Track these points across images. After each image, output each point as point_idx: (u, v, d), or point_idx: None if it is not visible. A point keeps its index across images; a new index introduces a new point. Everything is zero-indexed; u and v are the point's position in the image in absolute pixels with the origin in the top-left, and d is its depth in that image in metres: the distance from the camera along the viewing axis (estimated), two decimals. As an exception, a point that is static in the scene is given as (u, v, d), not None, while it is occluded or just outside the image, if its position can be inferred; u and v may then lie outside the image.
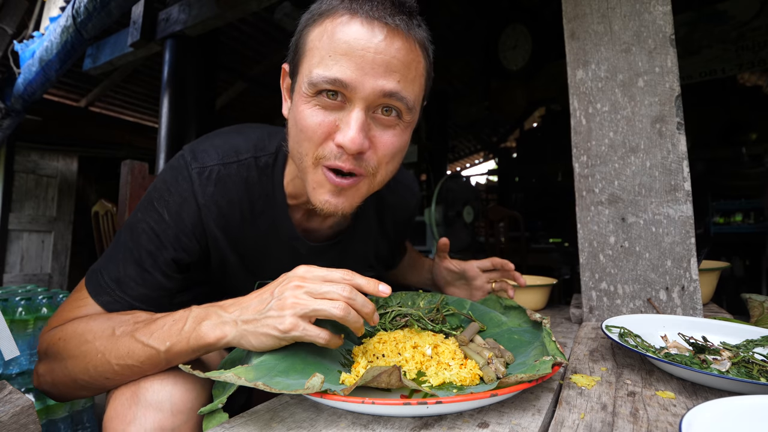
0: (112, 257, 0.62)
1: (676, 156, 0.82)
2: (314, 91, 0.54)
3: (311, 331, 0.46)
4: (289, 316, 0.45)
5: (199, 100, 2.89)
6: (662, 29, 0.85)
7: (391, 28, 0.53)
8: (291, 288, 0.47)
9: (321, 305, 0.46)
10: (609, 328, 0.64)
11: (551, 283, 1.06)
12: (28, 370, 1.37)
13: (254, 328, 0.47)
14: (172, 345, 0.50)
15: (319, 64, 0.53)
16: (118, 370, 0.53)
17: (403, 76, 0.54)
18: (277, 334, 0.46)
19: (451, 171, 9.12)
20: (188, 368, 0.44)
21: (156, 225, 0.61)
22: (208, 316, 0.50)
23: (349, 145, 0.53)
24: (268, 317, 0.47)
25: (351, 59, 0.51)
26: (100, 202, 2.50)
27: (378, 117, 0.56)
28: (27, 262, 4.62)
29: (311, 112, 0.55)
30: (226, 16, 2.58)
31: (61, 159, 4.91)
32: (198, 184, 0.63)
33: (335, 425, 0.41)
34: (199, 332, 0.49)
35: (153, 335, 0.51)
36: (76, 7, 2.19)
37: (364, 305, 0.48)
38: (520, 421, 0.41)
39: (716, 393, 0.49)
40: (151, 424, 0.50)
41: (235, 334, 0.48)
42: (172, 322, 0.52)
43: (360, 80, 0.52)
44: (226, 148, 0.66)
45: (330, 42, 0.52)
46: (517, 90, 5.29)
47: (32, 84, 2.81)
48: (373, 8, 0.52)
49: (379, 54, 0.52)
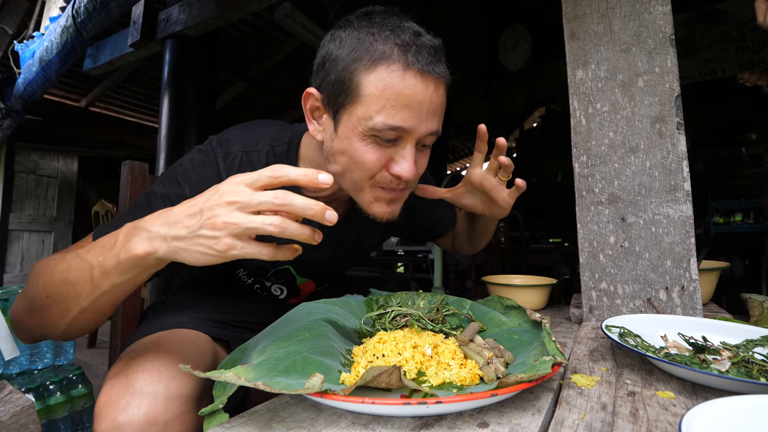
0: (125, 215, 0.65)
1: (676, 156, 0.82)
2: (374, 133, 0.61)
3: (251, 249, 0.44)
4: (223, 237, 0.43)
5: (199, 100, 2.89)
6: (662, 29, 0.85)
7: (436, 80, 0.62)
8: (222, 205, 0.44)
9: (254, 223, 0.43)
10: (609, 328, 0.64)
11: (551, 283, 1.06)
12: (28, 370, 1.38)
13: (187, 245, 0.45)
14: (104, 260, 0.49)
15: (380, 112, 0.60)
16: (57, 288, 0.52)
17: (440, 116, 0.65)
18: (213, 254, 0.44)
19: (451, 171, 9.12)
20: (188, 368, 0.44)
21: (176, 198, 0.65)
22: (137, 232, 0.48)
23: (407, 176, 0.63)
24: (200, 236, 0.44)
25: (411, 110, 0.60)
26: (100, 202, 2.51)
27: (419, 147, 0.67)
28: (27, 262, 4.62)
29: (368, 149, 0.63)
30: (226, 16, 2.58)
31: (61, 159, 4.91)
32: (223, 166, 0.71)
33: (335, 425, 0.41)
34: (128, 246, 0.47)
35: (90, 251, 0.51)
36: (76, 7, 2.19)
37: (305, 207, 0.44)
38: (520, 421, 0.41)
39: (716, 393, 0.49)
40: (143, 412, 0.50)
41: (167, 249, 0.46)
42: (107, 238, 0.51)
43: (417, 126, 0.61)
44: (247, 138, 0.75)
45: (392, 93, 0.59)
46: (517, 90, 5.29)
47: (32, 84, 2.81)
48: (423, 62, 0.60)
49: (432, 104, 0.62)
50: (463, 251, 1.10)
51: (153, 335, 0.67)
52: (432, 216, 1.03)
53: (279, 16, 3.06)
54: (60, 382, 1.37)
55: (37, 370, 1.40)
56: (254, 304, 0.88)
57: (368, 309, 0.74)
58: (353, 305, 0.73)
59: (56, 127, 4.60)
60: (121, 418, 0.50)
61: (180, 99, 2.81)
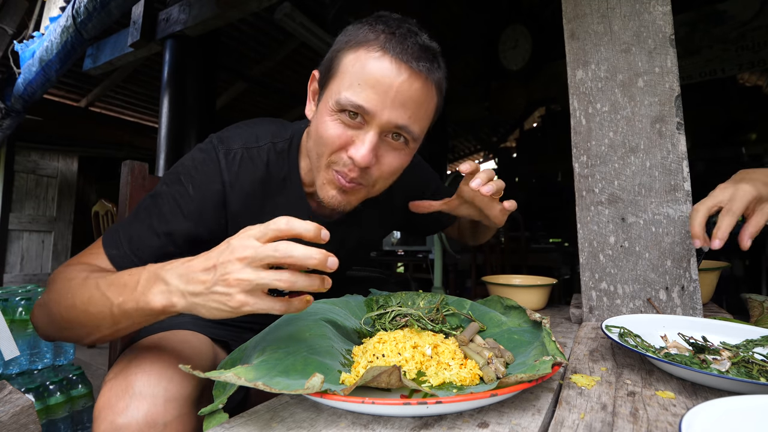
0: (132, 218, 0.67)
1: (676, 156, 0.82)
2: (339, 109, 0.61)
3: (263, 304, 0.45)
4: (236, 294, 0.44)
5: (199, 100, 2.89)
6: (662, 29, 0.85)
7: (414, 72, 0.60)
8: (234, 261, 0.45)
9: (263, 279, 0.44)
10: (609, 328, 0.64)
11: (551, 283, 1.06)
12: (28, 370, 1.37)
13: (203, 301, 0.46)
14: (124, 301, 0.50)
15: (348, 88, 0.60)
16: (79, 315, 0.53)
17: (414, 113, 0.62)
18: (227, 309, 0.45)
19: (451, 171, 9.13)
20: (188, 368, 0.44)
21: (180, 198, 0.67)
22: (157, 283, 0.49)
23: (359, 160, 0.61)
24: (215, 293, 0.45)
25: (376, 91, 0.59)
26: (100, 202, 2.51)
27: (388, 140, 0.64)
28: (27, 262, 4.62)
29: (333, 125, 0.63)
30: (226, 16, 2.58)
31: (61, 159, 4.91)
32: (224, 163, 0.70)
33: (335, 425, 0.41)
34: (147, 297, 0.49)
35: (111, 286, 0.52)
36: (76, 7, 2.19)
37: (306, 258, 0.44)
38: (520, 421, 0.41)
39: (716, 393, 0.49)
40: (143, 414, 0.50)
41: (185, 305, 0.48)
42: (128, 277, 0.52)
43: (379, 110, 0.60)
44: (248, 135, 0.74)
45: (361, 71, 0.60)
46: (517, 90, 5.29)
47: (32, 84, 2.81)
48: (402, 51, 0.59)
49: (400, 93, 0.60)
50: (468, 243, 1.10)
51: (152, 336, 0.67)
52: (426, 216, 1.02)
53: (279, 16, 3.06)
54: (60, 382, 1.37)
55: (37, 370, 1.40)
56: None
57: (368, 309, 0.74)
58: (353, 305, 0.73)
59: (56, 127, 4.60)
60: (120, 420, 0.50)
61: (180, 99, 2.81)
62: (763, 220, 0.58)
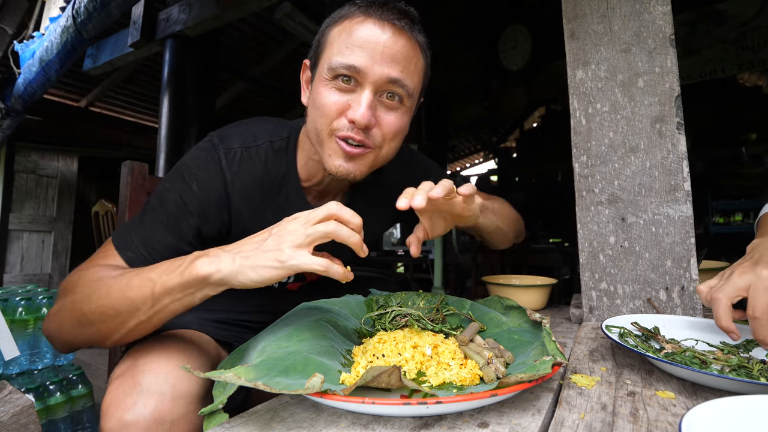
0: (140, 220, 0.68)
1: (676, 156, 0.82)
2: (332, 75, 0.64)
3: (309, 259, 0.49)
4: (287, 248, 0.49)
5: (199, 100, 2.89)
6: (662, 29, 0.85)
7: (397, 28, 0.64)
8: (286, 223, 0.52)
9: (314, 229, 0.50)
10: (609, 328, 0.64)
11: (551, 283, 1.06)
12: (28, 370, 1.37)
13: (253, 261, 0.50)
14: (168, 278, 0.52)
15: (338, 54, 0.63)
16: (115, 303, 0.53)
17: (405, 68, 0.65)
18: (276, 265, 0.49)
19: (451, 171, 9.12)
20: (188, 368, 0.44)
21: (185, 195, 0.68)
22: (204, 256, 0.52)
23: (359, 119, 0.62)
24: (266, 250, 0.50)
25: (364, 50, 0.62)
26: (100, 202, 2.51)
27: (383, 100, 0.66)
28: (27, 262, 4.62)
29: (328, 92, 0.65)
30: (226, 16, 2.58)
31: (61, 159, 4.91)
32: (225, 162, 0.71)
33: (335, 425, 0.41)
34: (193, 265, 0.51)
35: (154, 270, 0.54)
36: (76, 7, 2.19)
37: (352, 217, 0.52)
38: (520, 421, 0.41)
39: (716, 393, 0.49)
40: (150, 411, 0.51)
41: (231, 269, 0.50)
42: (172, 261, 0.55)
43: (371, 67, 0.62)
44: (246, 135, 0.75)
45: (348, 37, 0.63)
46: (517, 90, 5.29)
47: (32, 84, 2.80)
48: (383, 13, 0.64)
49: (387, 47, 0.63)
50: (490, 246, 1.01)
51: (157, 335, 0.67)
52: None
53: (279, 16, 3.05)
54: (60, 382, 1.37)
55: (37, 370, 1.40)
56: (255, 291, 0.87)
57: (368, 309, 0.74)
58: (353, 305, 0.73)
59: (56, 127, 4.59)
60: (127, 417, 0.50)
61: (180, 99, 2.81)
62: None
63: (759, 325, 0.51)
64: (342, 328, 0.63)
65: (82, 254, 5.03)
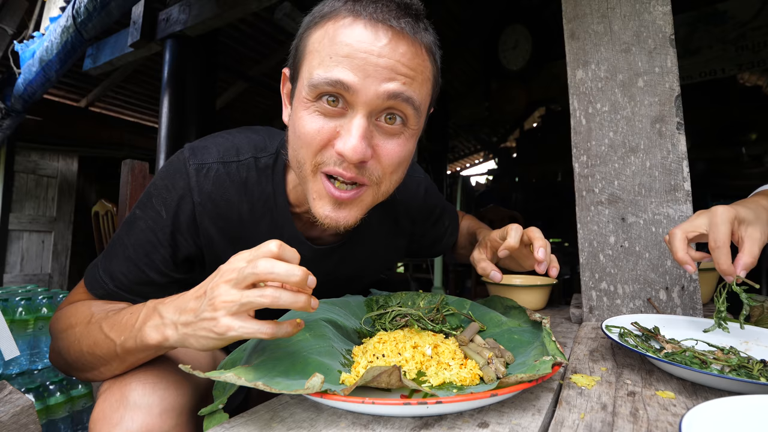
0: (108, 252, 0.64)
1: (676, 156, 0.82)
2: (315, 95, 0.51)
3: (249, 327, 0.42)
4: (221, 317, 0.42)
5: (199, 100, 2.89)
6: (662, 29, 0.85)
7: (396, 31, 0.50)
8: (220, 285, 0.43)
9: (247, 297, 0.41)
10: (609, 328, 0.64)
11: (551, 283, 1.06)
12: (28, 370, 1.37)
13: (193, 331, 0.44)
14: (125, 340, 0.50)
15: (319, 66, 0.50)
16: (90, 358, 0.54)
17: (408, 80, 0.51)
18: (214, 337, 0.43)
19: (451, 171, 9.12)
20: (188, 368, 0.44)
21: (154, 223, 0.62)
22: (152, 317, 0.49)
23: (350, 154, 0.50)
24: (203, 320, 0.43)
25: (353, 61, 0.49)
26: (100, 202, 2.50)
27: (381, 125, 0.53)
28: (27, 262, 4.62)
29: (310, 118, 0.52)
30: (226, 16, 2.58)
31: (61, 159, 4.91)
32: (195, 180, 0.61)
33: (335, 425, 0.41)
34: (143, 333, 0.48)
35: (114, 327, 0.52)
36: (76, 7, 2.19)
37: (288, 275, 0.41)
38: (520, 421, 0.41)
39: (716, 393, 0.49)
40: (138, 426, 0.49)
41: (177, 338, 0.46)
42: (129, 316, 0.52)
43: (362, 83, 0.49)
44: (227, 146, 0.65)
45: (331, 44, 0.50)
46: (517, 90, 5.28)
47: (32, 84, 2.80)
48: (377, 10, 0.49)
49: (383, 57, 0.49)
50: (462, 261, 1.05)
51: None
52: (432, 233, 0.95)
53: (279, 16, 3.05)
54: (60, 382, 1.37)
55: (37, 370, 1.40)
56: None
57: (368, 309, 0.74)
58: (353, 305, 0.73)
59: (56, 127, 4.59)
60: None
61: (180, 99, 2.81)
62: (756, 248, 0.56)
63: (721, 254, 0.56)
64: (342, 328, 0.63)
65: (82, 254, 5.04)
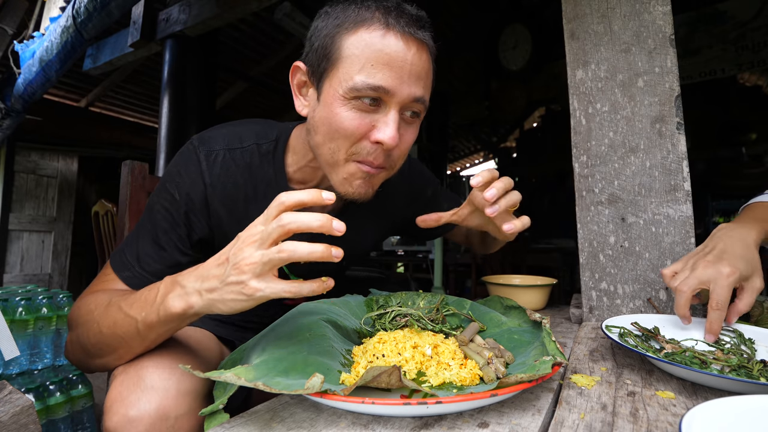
0: (133, 236, 0.68)
1: (676, 156, 0.82)
2: (354, 95, 0.58)
3: (276, 286, 0.44)
4: (249, 280, 0.44)
5: (199, 100, 2.89)
6: (662, 29, 0.85)
7: (420, 43, 0.60)
8: (243, 248, 0.45)
9: (267, 256, 0.44)
10: (609, 328, 0.64)
11: (551, 283, 1.06)
12: (28, 370, 1.37)
13: (220, 296, 0.47)
14: (147, 315, 0.52)
15: (361, 72, 0.58)
16: (109, 339, 0.55)
17: (425, 83, 0.62)
18: (243, 299, 0.45)
19: (451, 171, 9.12)
20: (188, 368, 0.44)
21: (169, 205, 0.67)
22: (173, 289, 0.51)
23: (390, 142, 0.59)
24: (230, 284, 0.46)
25: (392, 69, 0.58)
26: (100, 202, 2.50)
27: (406, 118, 0.63)
28: (27, 262, 4.62)
29: (349, 114, 0.59)
30: (226, 16, 2.58)
31: (61, 159, 4.91)
32: (205, 165, 0.68)
33: (335, 425, 0.41)
34: (166, 304, 0.50)
35: (133, 305, 0.54)
36: (76, 8, 2.19)
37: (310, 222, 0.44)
38: (520, 421, 0.41)
39: (716, 393, 0.49)
40: (155, 407, 0.51)
41: (203, 304, 0.48)
42: (148, 292, 0.54)
43: (399, 87, 0.58)
44: (231, 135, 0.72)
45: (371, 52, 0.58)
46: (517, 90, 5.29)
47: (32, 84, 2.80)
48: (404, 24, 0.59)
49: (414, 66, 0.59)
50: (476, 251, 1.08)
51: None
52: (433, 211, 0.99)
53: (279, 16, 3.05)
54: (60, 382, 1.37)
55: (37, 370, 1.40)
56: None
57: (368, 309, 0.74)
58: (353, 305, 0.73)
59: (56, 127, 4.59)
60: (132, 413, 0.50)
61: (180, 99, 2.81)
62: (751, 299, 0.60)
63: (717, 316, 0.59)
64: (342, 328, 0.63)
65: (82, 254, 5.04)
